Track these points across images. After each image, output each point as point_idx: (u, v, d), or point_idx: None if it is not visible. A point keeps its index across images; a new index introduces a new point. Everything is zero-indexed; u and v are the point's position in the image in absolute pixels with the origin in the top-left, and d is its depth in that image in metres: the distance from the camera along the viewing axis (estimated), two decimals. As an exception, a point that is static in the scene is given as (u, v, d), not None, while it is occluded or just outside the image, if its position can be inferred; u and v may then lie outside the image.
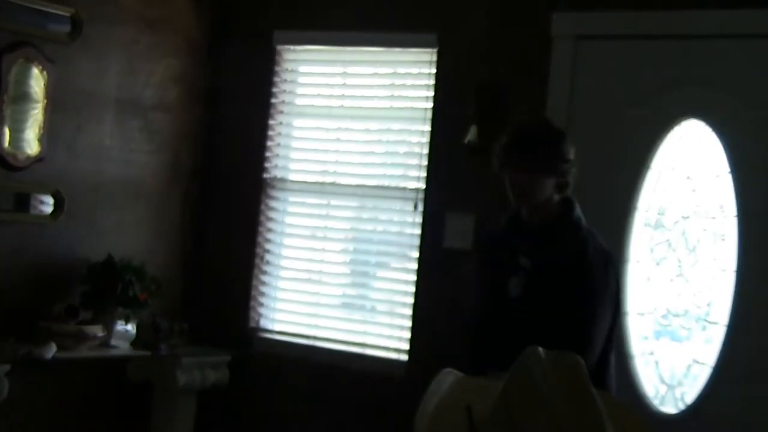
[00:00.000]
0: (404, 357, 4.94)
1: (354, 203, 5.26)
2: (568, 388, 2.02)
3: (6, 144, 4.69)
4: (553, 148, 3.67)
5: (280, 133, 5.44)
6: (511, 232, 3.79)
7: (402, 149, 5.09)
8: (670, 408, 4.36)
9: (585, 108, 4.60)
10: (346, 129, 5.27)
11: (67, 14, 4.87)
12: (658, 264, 4.44)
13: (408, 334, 4.94)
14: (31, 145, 4.79)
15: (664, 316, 4.42)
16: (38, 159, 4.82)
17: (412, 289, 4.94)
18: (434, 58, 4.95)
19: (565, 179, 3.67)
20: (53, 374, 4.82)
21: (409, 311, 4.94)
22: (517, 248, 3.71)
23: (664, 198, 4.45)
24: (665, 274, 4.42)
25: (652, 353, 4.41)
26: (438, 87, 4.93)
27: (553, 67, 4.65)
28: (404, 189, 5.03)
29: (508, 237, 3.80)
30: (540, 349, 2.05)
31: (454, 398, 2.38)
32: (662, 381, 4.39)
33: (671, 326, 4.41)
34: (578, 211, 3.73)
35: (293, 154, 5.44)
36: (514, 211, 3.82)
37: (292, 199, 5.43)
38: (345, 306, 5.26)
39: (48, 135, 4.84)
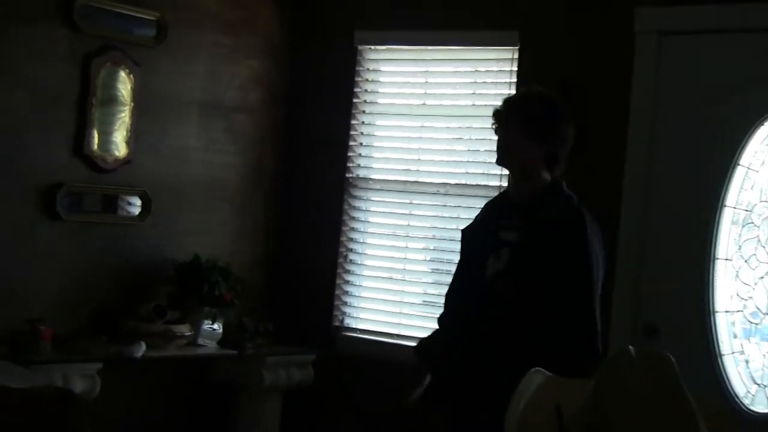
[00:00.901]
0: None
1: (436, 202, 5.25)
2: (662, 388, 2.01)
3: (95, 146, 4.78)
4: (534, 110, 3.62)
5: (362, 133, 5.46)
6: (495, 211, 3.74)
7: (484, 147, 5.07)
8: (760, 407, 4.30)
9: (670, 104, 4.55)
10: (428, 128, 5.27)
11: (153, 18, 4.96)
12: (746, 261, 4.37)
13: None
14: (119, 148, 4.87)
15: (753, 314, 4.36)
16: (126, 161, 4.90)
17: (495, 286, 4.93)
18: (515, 55, 4.94)
19: (550, 150, 3.57)
20: (142, 373, 4.90)
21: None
22: (501, 225, 3.63)
23: (752, 195, 4.38)
24: (754, 272, 4.35)
25: (741, 352, 4.35)
26: (519, 84, 4.90)
27: (636, 63, 4.60)
28: (486, 187, 5.02)
29: (489, 217, 3.74)
30: (631, 347, 2.04)
31: (543, 397, 2.38)
32: (753, 380, 4.33)
33: (761, 324, 4.35)
34: (565, 186, 3.67)
35: (375, 154, 5.46)
36: (500, 194, 3.84)
37: (374, 198, 5.44)
38: (427, 304, 5.23)
39: (135, 137, 4.93)
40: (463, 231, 3.90)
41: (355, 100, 5.45)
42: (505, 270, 3.56)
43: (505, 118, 3.63)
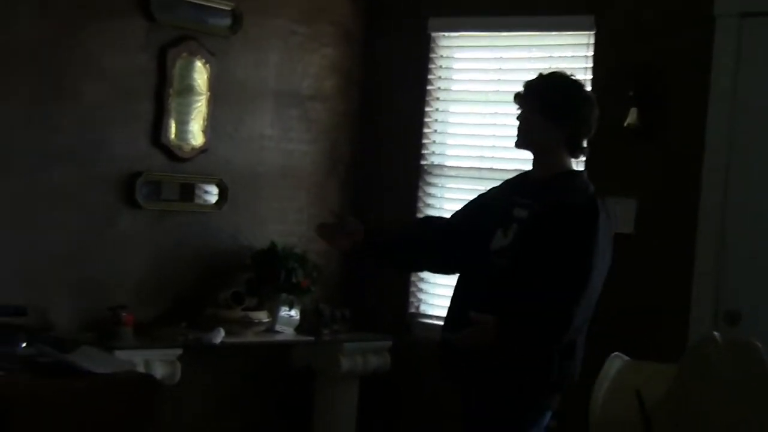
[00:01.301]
0: (563, 340, 4.93)
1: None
2: (749, 374, 2.00)
3: (172, 136, 4.85)
4: (553, 92, 3.60)
5: (436, 120, 5.48)
6: (512, 187, 3.71)
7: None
8: None
9: (751, 88, 4.51)
10: (503, 114, 5.26)
11: (228, 8, 5.01)
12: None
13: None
14: (196, 137, 4.94)
15: None
16: (202, 150, 4.97)
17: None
18: (591, 40, 4.93)
19: (570, 132, 3.55)
20: (221, 358, 4.98)
21: (570, 295, 4.92)
22: (515, 203, 3.59)
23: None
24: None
25: None
26: (595, 69, 4.90)
27: (716, 47, 4.57)
28: (563, 173, 5.02)
29: (506, 194, 3.70)
30: (716, 334, 2.03)
31: (624, 382, 2.39)
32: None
33: None
34: (585, 176, 3.67)
35: (450, 140, 5.47)
36: (522, 173, 3.77)
37: (449, 185, 5.46)
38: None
39: (211, 126, 4.99)
40: (480, 195, 3.88)
41: (428, 87, 5.48)
42: (509, 246, 3.53)
43: (525, 100, 3.63)
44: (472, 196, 5.27)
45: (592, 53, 4.92)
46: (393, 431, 5.44)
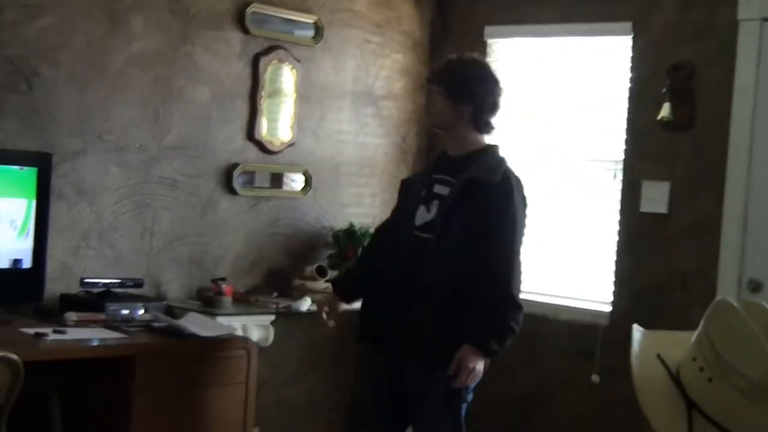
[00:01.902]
0: (608, 308, 5.00)
1: (558, 173, 5.32)
2: (759, 323, 1.99)
3: (264, 132, 4.94)
4: (455, 72, 3.55)
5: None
6: (432, 166, 3.67)
7: (603, 126, 5.13)
8: None
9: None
10: (552, 110, 5.33)
11: (311, 21, 5.10)
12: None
13: (611, 288, 5.00)
14: (284, 133, 5.03)
15: None
16: (290, 144, 5.07)
17: (614, 247, 5.00)
18: (630, 43, 4.97)
19: (473, 111, 3.50)
20: (307, 324, 5.05)
21: (612, 267, 5.00)
22: (436, 180, 3.56)
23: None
24: None
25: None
26: (634, 70, 4.95)
27: (740, 49, 4.60)
28: (605, 161, 5.09)
29: (427, 172, 3.67)
30: (728, 297, 2.03)
31: (645, 352, 2.37)
32: None
33: None
34: (498, 150, 3.62)
35: (505, 133, 5.43)
36: (442, 151, 3.72)
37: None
38: (554, 263, 5.30)
39: (297, 123, 5.09)
40: (403, 181, 3.86)
41: (486, 87, 5.54)
42: (433, 221, 3.50)
43: (432, 83, 3.61)
44: (532, 180, 5.34)
45: (631, 55, 4.97)
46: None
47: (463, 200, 3.46)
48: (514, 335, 3.52)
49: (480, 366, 3.44)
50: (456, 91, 3.52)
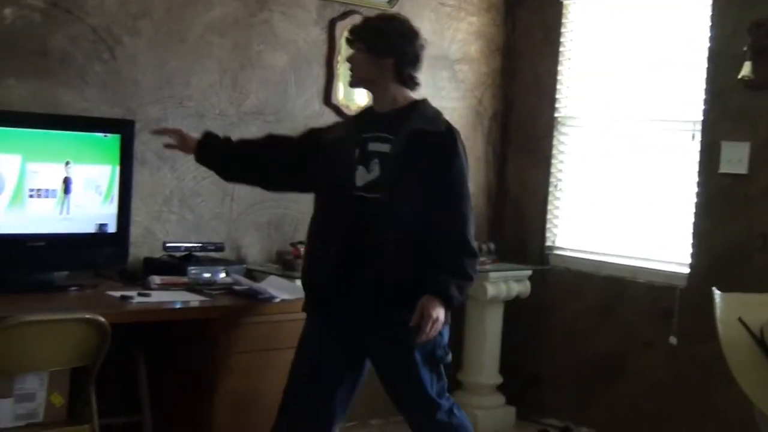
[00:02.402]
0: (686, 270, 4.89)
1: (636, 135, 5.21)
2: None
3: (340, 96, 4.91)
4: (373, 28, 3.48)
5: (568, 77, 5.46)
6: (357, 126, 3.52)
7: (681, 86, 4.99)
8: None
9: None
10: (628, 70, 5.21)
11: (386, -15, 5.04)
12: None
13: (689, 249, 4.89)
14: (361, 97, 4.93)
15: None
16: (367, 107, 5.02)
17: (692, 209, 4.87)
18: (709, 1, 4.80)
19: (394, 65, 3.41)
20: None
21: (690, 228, 4.88)
22: (369, 138, 3.43)
23: None
24: None
25: None
26: (713, 27, 4.80)
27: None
28: (683, 121, 4.95)
29: (352, 131, 3.51)
30: None
31: (726, 315, 2.33)
32: None
33: None
34: (429, 102, 3.54)
35: (581, 95, 5.44)
36: (363, 110, 3.63)
37: (580, 133, 5.44)
38: (631, 225, 5.21)
39: (374, 88, 5.05)
40: (313, 131, 3.72)
41: (561, 49, 5.45)
42: (378, 179, 3.39)
43: (352, 42, 3.51)
44: (605, 142, 5.27)
45: (711, 13, 4.81)
46: (532, 348, 5.49)
47: (410, 153, 3.37)
48: (472, 283, 3.45)
49: (442, 315, 3.34)
50: (375, 45, 3.45)
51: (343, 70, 4.88)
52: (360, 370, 3.55)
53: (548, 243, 5.51)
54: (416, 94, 3.57)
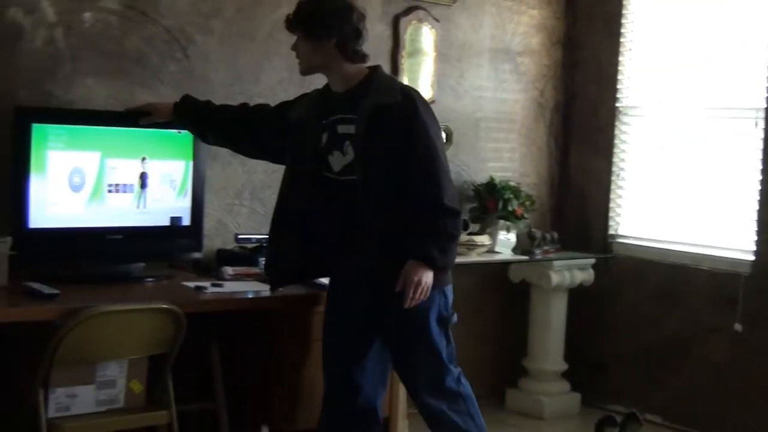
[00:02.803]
0: (750, 257, 4.82)
1: (698, 123, 5.14)
2: None
3: (405, 91, 4.93)
4: (305, 13, 3.38)
5: (630, 68, 5.40)
6: (319, 110, 3.45)
7: (744, 74, 4.91)
8: None
9: None
10: (690, 59, 5.14)
11: (449, -19, 5.04)
12: None
13: (753, 236, 4.81)
14: (425, 91, 4.95)
15: None
16: (431, 102, 4.94)
17: (756, 196, 4.80)
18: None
19: (337, 44, 3.33)
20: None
21: (754, 216, 4.81)
22: (336, 120, 3.37)
23: None
24: None
25: None
26: (774, 16, 4.73)
27: None
28: (746, 109, 4.87)
29: (317, 115, 3.44)
30: None
31: None
32: None
33: None
34: (383, 70, 3.47)
35: (642, 85, 5.38)
36: (319, 92, 3.53)
37: (641, 123, 5.39)
38: (694, 212, 5.14)
39: (438, 81, 5.05)
40: (281, 118, 3.61)
41: (622, 40, 5.40)
42: (353, 161, 3.34)
43: (289, 30, 3.44)
44: (665, 131, 5.21)
45: (771, 2, 4.74)
46: (596, 335, 5.46)
47: (373, 130, 3.33)
48: (456, 241, 3.41)
49: (427, 278, 3.30)
50: (312, 30, 3.39)
51: (407, 65, 4.92)
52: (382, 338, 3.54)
53: (611, 231, 5.46)
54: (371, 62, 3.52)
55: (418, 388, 3.51)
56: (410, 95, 3.40)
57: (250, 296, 3.70)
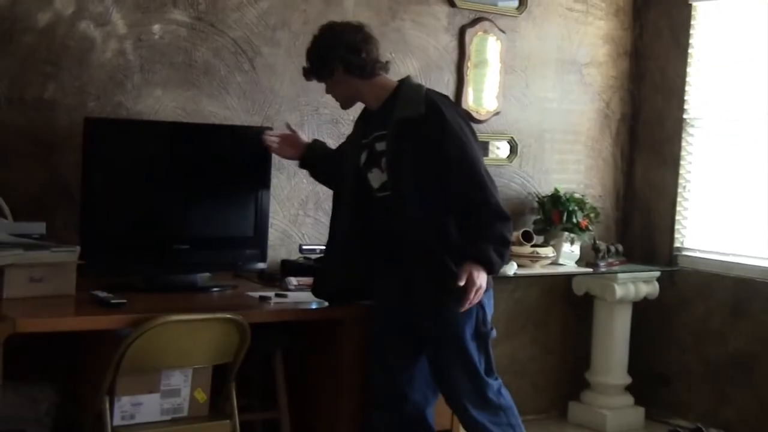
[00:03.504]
0: (820, 272, 4.65)
1: (764, 134, 4.96)
2: None
3: (471, 101, 4.84)
4: (309, 57, 3.42)
5: (696, 79, 5.25)
6: (363, 126, 3.42)
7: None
8: None
9: None
10: (757, 70, 4.98)
11: (515, -8, 4.96)
12: None
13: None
14: (490, 102, 4.92)
15: None
16: (496, 113, 4.95)
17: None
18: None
19: (345, 70, 3.33)
20: (515, 287, 4.99)
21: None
22: (374, 138, 3.33)
23: None
24: None
25: None
26: None
27: None
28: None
29: (359, 134, 3.42)
30: None
31: None
32: None
33: None
34: (411, 80, 3.39)
35: (708, 95, 5.22)
36: (362, 112, 3.50)
37: (708, 135, 5.23)
38: (761, 225, 4.96)
39: (503, 92, 4.96)
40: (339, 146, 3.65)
41: (690, 51, 5.25)
42: (388, 179, 3.29)
43: (309, 80, 3.51)
44: (731, 143, 5.06)
45: None
46: (660, 348, 5.31)
47: (401, 145, 3.27)
48: (510, 247, 3.35)
49: (484, 282, 3.24)
50: (320, 71, 3.44)
51: (472, 76, 4.82)
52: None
53: (677, 244, 5.31)
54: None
55: (459, 403, 3.45)
56: (435, 104, 3.31)
57: (314, 307, 3.64)
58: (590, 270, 4.97)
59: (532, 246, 4.79)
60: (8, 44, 3.67)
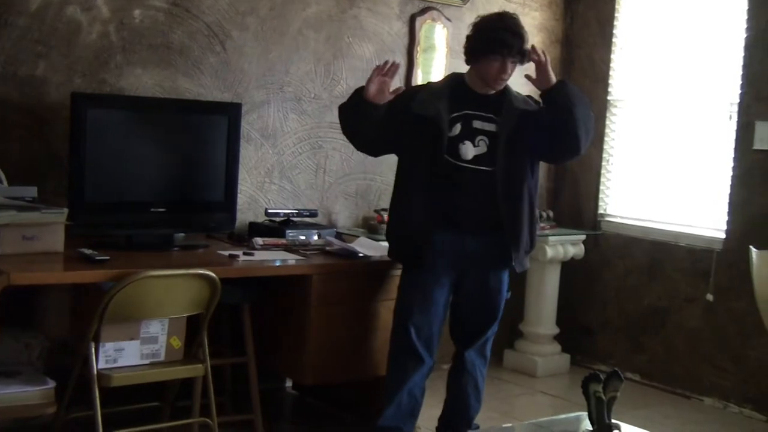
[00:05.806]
0: (722, 235, 4.78)
1: (679, 115, 5.08)
2: None
3: (419, 82, 4.81)
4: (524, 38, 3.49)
5: (619, 64, 5.33)
6: (461, 102, 3.45)
7: (720, 72, 4.84)
8: None
9: None
10: (673, 57, 5.07)
11: (460, -15, 4.98)
12: None
13: (725, 217, 4.77)
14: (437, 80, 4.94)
15: None
16: (441, 92, 4.99)
17: (729, 181, 4.75)
18: (747, -2, 4.65)
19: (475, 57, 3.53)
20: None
21: (726, 198, 4.76)
22: (473, 116, 3.42)
23: None
24: None
25: None
26: (749, 19, 4.65)
27: None
28: (721, 103, 4.81)
29: (453, 107, 3.43)
30: None
31: (761, 272, 2.27)
32: None
33: None
34: None
35: (630, 79, 5.31)
36: (454, 85, 3.50)
37: (629, 114, 5.33)
38: (674, 195, 5.10)
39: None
40: (406, 93, 3.56)
41: (614, 39, 5.33)
42: (488, 154, 3.41)
43: (518, 59, 3.54)
44: (650, 122, 5.15)
45: (747, 8, 4.65)
46: (585, 303, 5.42)
47: (520, 132, 3.45)
48: (590, 123, 3.57)
49: (552, 75, 3.51)
50: (468, 55, 3.57)
51: (422, 59, 4.86)
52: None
53: (601, 211, 5.41)
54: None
55: (473, 342, 3.69)
56: (533, 98, 3.62)
57: (277, 264, 3.69)
58: (525, 233, 5.05)
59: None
60: (3, 26, 3.66)
